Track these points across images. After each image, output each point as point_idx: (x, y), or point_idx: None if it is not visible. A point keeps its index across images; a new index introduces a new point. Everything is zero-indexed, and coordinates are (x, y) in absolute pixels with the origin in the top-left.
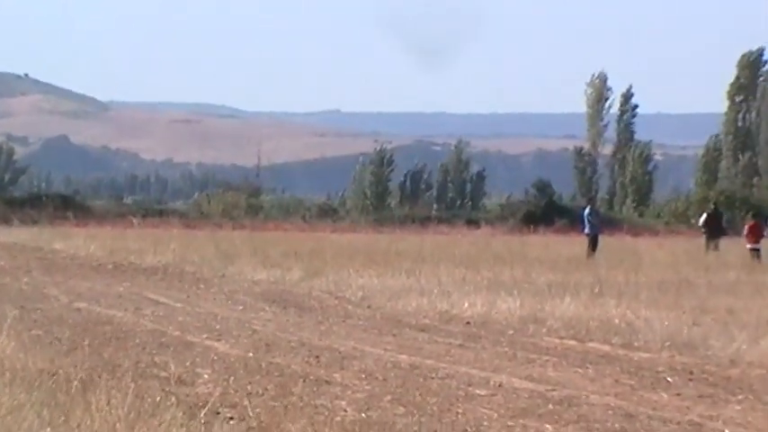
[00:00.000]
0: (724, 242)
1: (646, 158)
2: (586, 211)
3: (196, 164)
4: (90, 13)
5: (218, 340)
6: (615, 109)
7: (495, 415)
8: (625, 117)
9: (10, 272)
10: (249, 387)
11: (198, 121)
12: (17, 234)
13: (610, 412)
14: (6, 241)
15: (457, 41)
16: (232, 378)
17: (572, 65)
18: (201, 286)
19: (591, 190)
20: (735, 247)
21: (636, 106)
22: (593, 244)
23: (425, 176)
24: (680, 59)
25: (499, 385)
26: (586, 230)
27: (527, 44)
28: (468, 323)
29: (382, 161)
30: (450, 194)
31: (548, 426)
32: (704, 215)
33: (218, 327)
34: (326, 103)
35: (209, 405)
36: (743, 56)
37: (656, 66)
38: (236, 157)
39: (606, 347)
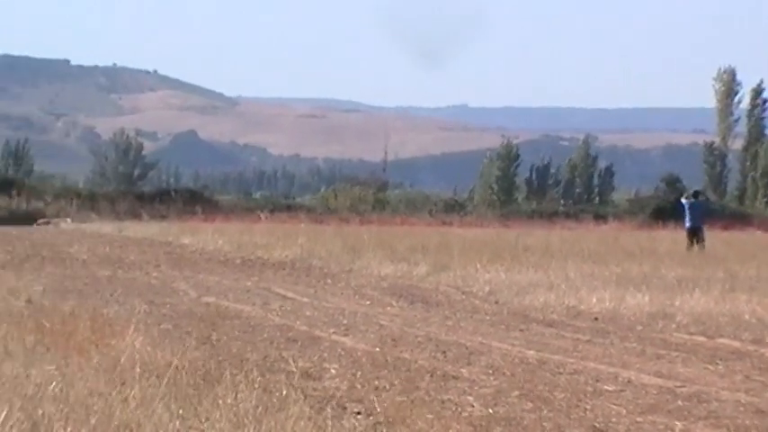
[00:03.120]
0: None
1: None
2: (690, 202)
3: (323, 158)
4: (218, 9)
5: (346, 335)
6: (746, 104)
7: (624, 411)
8: (756, 112)
9: (139, 266)
10: (376, 382)
11: (324, 116)
12: (146, 229)
13: (740, 409)
14: (136, 236)
15: (585, 37)
16: (359, 373)
17: (702, 58)
18: (329, 281)
19: (721, 184)
20: None
21: (767, 101)
22: (695, 237)
23: (552, 171)
24: None
25: (628, 381)
26: (688, 223)
27: (656, 38)
28: (596, 318)
29: (509, 156)
30: (577, 189)
31: (677, 422)
32: None
33: (345, 321)
34: (453, 98)
35: (337, 400)
36: None
37: None
38: (362, 152)
39: (736, 343)
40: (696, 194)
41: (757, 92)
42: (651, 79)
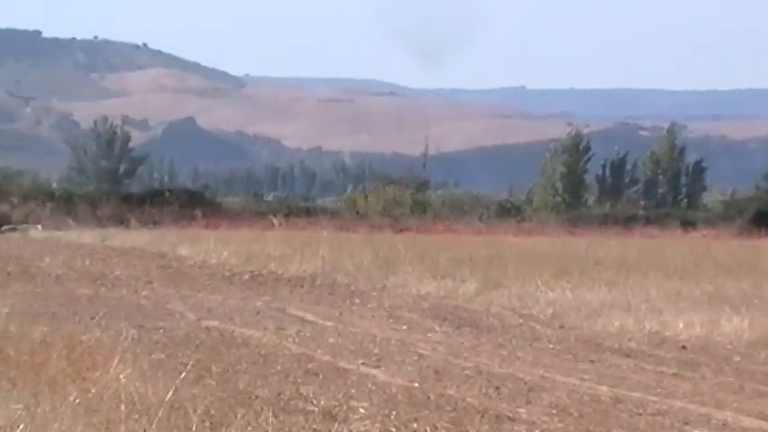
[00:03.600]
0: None
1: None
2: None
3: (349, 152)
4: None
5: (377, 367)
6: None
7: None
8: None
9: (127, 283)
10: (415, 424)
11: (350, 101)
12: (135, 237)
13: None
14: (123, 246)
15: (669, 5)
16: (394, 413)
17: None
18: (357, 301)
19: None
20: None
21: None
22: None
23: (629, 167)
24: None
25: (723, 424)
26: None
27: (755, 7)
28: (683, 347)
29: (577, 148)
30: (660, 189)
31: None
32: None
33: (376, 350)
34: (508, 78)
35: None
36: None
37: None
38: (397, 144)
39: None
40: None
41: None
42: (750, 56)
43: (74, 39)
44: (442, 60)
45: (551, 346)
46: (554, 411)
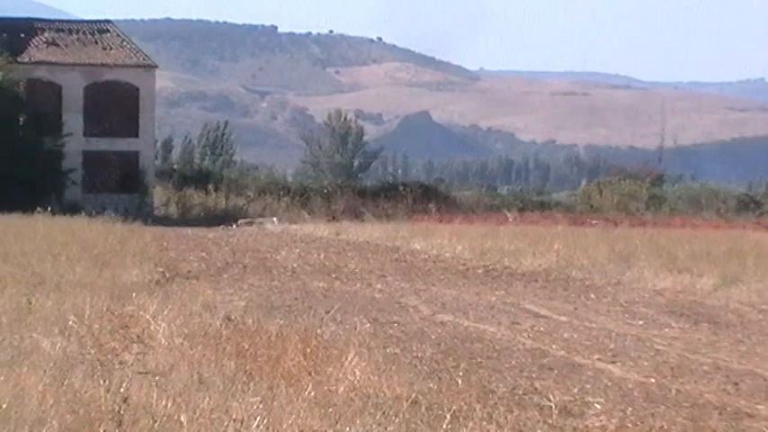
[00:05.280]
0: None
1: None
2: None
3: (584, 145)
4: None
5: (613, 362)
6: None
7: None
8: None
9: (361, 277)
10: (652, 420)
11: (586, 94)
12: (369, 231)
13: None
14: (357, 240)
15: None
16: (630, 409)
17: None
18: (592, 296)
19: None
20: None
21: None
22: None
23: None
24: None
25: None
26: None
27: None
28: None
29: None
30: None
31: None
32: None
33: (612, 346)
34: (748, 70)
35: None
36: None
37: None
38: (633, 137)
39: None
40: None
41: None
42: None
43: (309, 33)
44: (678, 53)
45: None
46: None
